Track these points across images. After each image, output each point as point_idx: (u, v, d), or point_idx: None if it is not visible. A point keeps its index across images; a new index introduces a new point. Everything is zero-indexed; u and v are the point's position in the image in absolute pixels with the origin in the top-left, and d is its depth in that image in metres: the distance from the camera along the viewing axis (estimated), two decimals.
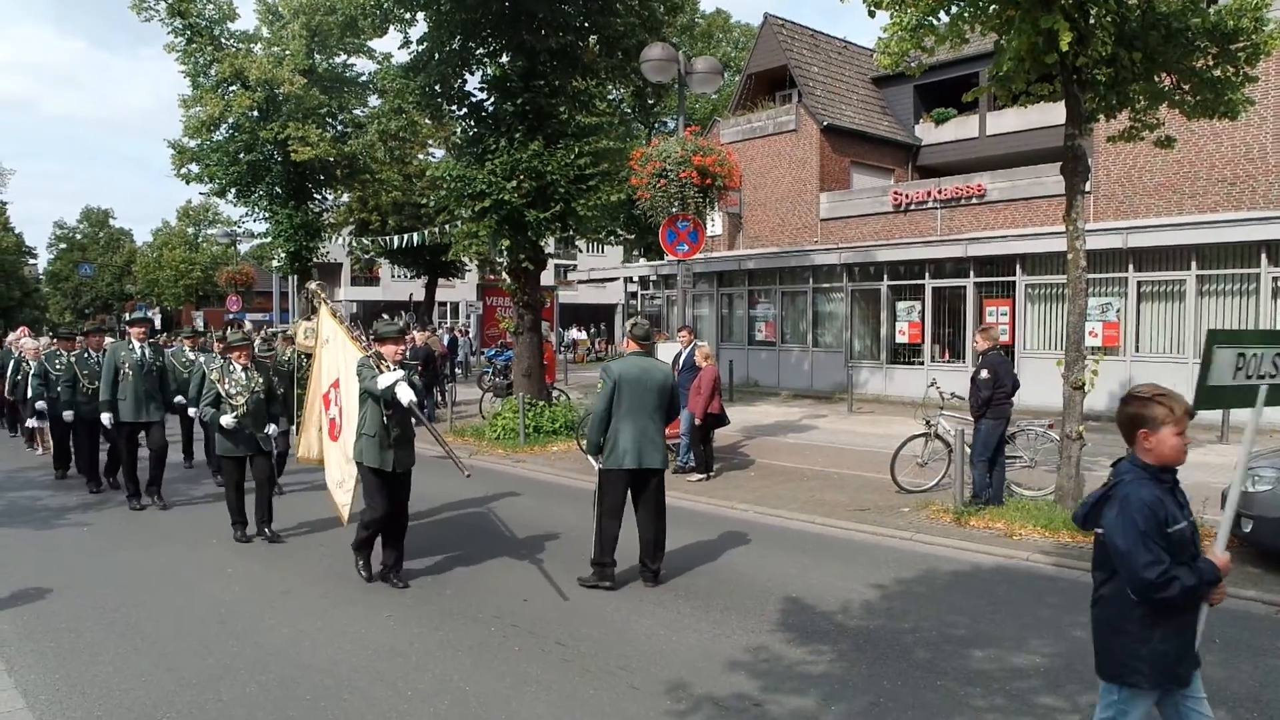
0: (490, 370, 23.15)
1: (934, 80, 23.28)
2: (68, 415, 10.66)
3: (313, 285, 9.29)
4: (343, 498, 7.54)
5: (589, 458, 8.42)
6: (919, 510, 9.06)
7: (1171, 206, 17.52)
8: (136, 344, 9.80)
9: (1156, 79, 8.64)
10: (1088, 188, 8.97)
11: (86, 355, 10.79)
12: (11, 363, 13.94)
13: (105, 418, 9.62)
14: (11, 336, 16.00)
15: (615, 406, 6.72)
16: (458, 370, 28.01)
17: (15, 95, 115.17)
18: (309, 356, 8.99)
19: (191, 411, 10.73)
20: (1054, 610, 6.15)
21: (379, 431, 6.58)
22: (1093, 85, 8.39)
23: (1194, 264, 16.00)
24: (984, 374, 8.93)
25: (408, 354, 14.03)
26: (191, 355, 12.14)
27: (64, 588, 6.70)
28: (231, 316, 33.85)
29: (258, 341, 12.57)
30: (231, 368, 8.20)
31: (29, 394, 12.01)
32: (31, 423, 13.28)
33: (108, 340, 11.64)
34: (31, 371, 12.00)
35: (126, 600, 6.44)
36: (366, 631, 5.76)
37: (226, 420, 7.96)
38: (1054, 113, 17.08)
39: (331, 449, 7.87)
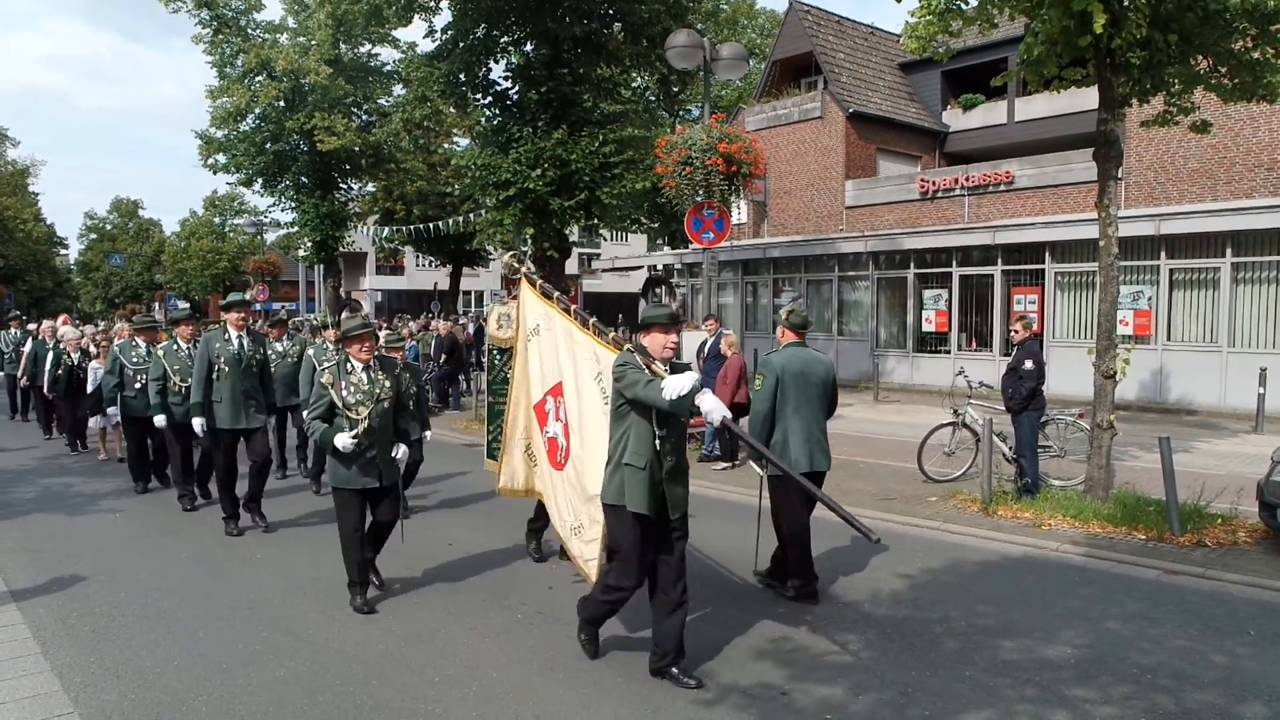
0: None
1: (962, 66, 23.00)
2: (160, 420, 8.93)
3: (507, 256, 6.96)
4: (585, 549, 5.45)
5: (752, 465, 8.19)
6: (946, 499, 8.99)
7: (1206, 192, 17.22)
8: (234, 333, 8.15)
9: (1192, 61, 8.47)
10: (1119, 174, 8.83)
11: (176, 348, 9.11)
12: (50, 354, 12.92)
13: (197, 424, 8.09)
14: (46, 324, 15.58)
15: (779, 405, 6.05)
16: (482, 358, 28.13)
17: (50, 88, 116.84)
18: (503, 352, 6.88)
19: (270, 420, 8.78)
20: (1085, 601, 6.08)
21: (649, 461, 4.66)
22: (1126, 69, 8.23)
23: (1229, 251, 15.74)
24: (1029, 364, 8.79)
25: (433, 344, 14.00)
26: (280, 346, 10.43)
27: (97, 573, 6.79)
28: (349, 294, 32.80)
29: (383, 332, 10.77)
30: (350, 367, 6.01)
31: (79, 390, 11.51)
32: (97, 423, 11.91)
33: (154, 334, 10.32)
34: (104, 368, 10.55)
35: (159, 585, 6.52)
36: (394, 618, 5.79)
37: (343, 441, 5.80)
38: (1085, 98, 16.83)
39: (556, 482, 5.89)
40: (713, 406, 4.51)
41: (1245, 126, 16.64)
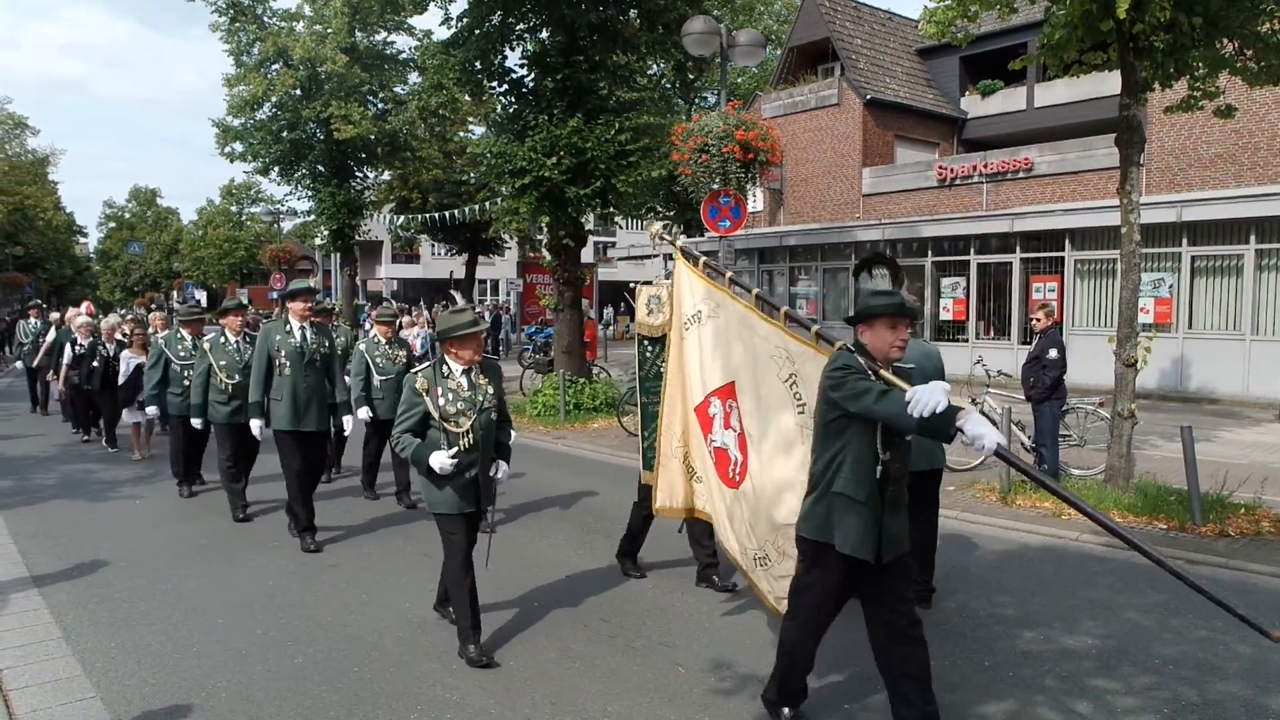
0: (531, 347, 23.26)
1: (980, 51, 22.76)
2: (197, 422, 8.51)
3: (656, 226, 5.71)
4: (777, 585, 4.45)
5: None
6: (964, 489, 8.94)
7: (1229, 179, 16.99)
8: (296, 324, 7.27)
9: (1218, 45, 8.33)
10: (1141, 160, 8.73)
11: (223, 340, 8.30)
12: (82, 345, 12.20)
13: (255, 425, 7.38)
14: (72, 312, 15.07)
15: None
16: (500, 348, 28.17)
17: (69, 77, 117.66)
18: (654, 342, 5.72)
19: (347, 422, 7.91)
20: (1105, 591, 6.03)
21: (871, 492, 3.75)
22: (1149, 53, 8.11)
23: (1253, 238, 15.55)
24: (1053, 353, 8.71)
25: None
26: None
27: (118, 559, 6.84)
28: (454, 277, 30.43)
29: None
30: (446, 369, 4.99)
31: (113, 382, 11.06)
32: (131, 419, 11.17)
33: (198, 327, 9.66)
34: (147, 362, 9.84)
35: (178, 572, 6.56)
36: (412, 606, 5.80)
37: (440, 461, 4.79)
38: (1105, 83, 16.63)
39: (730, 501, 4.86)
40: (983, 431, 3.34)
41: (1271, 111, 16.39)
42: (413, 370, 5.11)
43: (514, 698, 4.46)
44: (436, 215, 28.53)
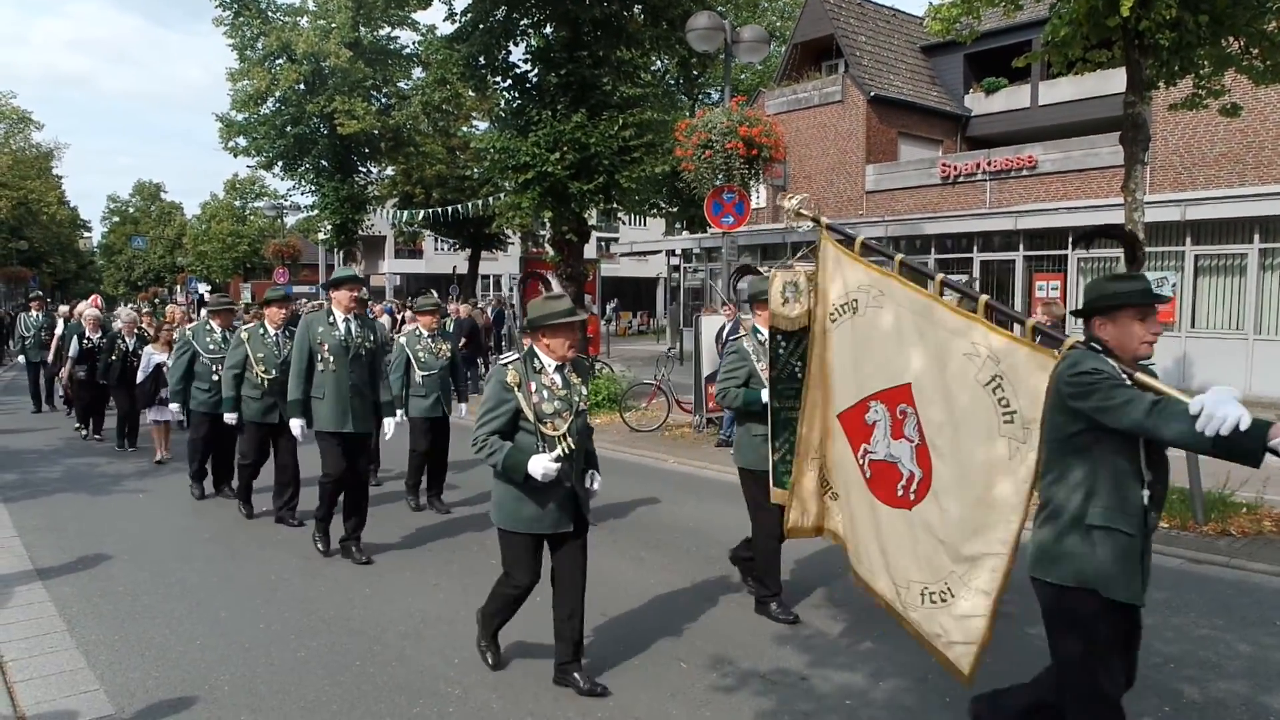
0: None
1: (985, 49, 22.69)
2: (230, 418, 7.90)
3: (794, 201, 4.54)
4: (954, 627, 3.63)
5: None
6: None
7: (1233, 178, 16.96)
8: (340, 316, 6.67)
9: (1223, 43, 8.32)
10: (1145, 158, 8.73)
11: (262, 332, 7.85)
12: (90, 339, 11.94)
13: (296, 426, 6.74)
14: (82, 306, 14.76)
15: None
16: (502, 342, 28.16)
17: (75, 72, 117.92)
18: (789, 337, 4.77)
19: (388, 424, 7.01)
20: None
21: (1137, 522, 3.15)
22: (1155, 50, 8.09)
23: (1257, 237, 15.52)
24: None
25: (450, 326, 13.86)
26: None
27: (121, 553, 6.86)
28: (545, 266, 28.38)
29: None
30: (538, 363, 4.42)
31: (132, 379, 10.54)
32: (153, 416, 10.56)
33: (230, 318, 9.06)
34: (170, 356, 9.34)
35: (181, 565, 6.58)
36: (414, 600, 5.82)
37: (542, 466, 4.22)
38: (1110, 81, 16.60)
39: (899, 524, 3.95)
40: None
41: (1276, 110, 16.35)
42: (501, 362, 4.50)
43: (516, 692, 4.47)
44: (440, 210, 28.54)
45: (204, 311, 10.42)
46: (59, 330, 14.12)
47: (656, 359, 16.46)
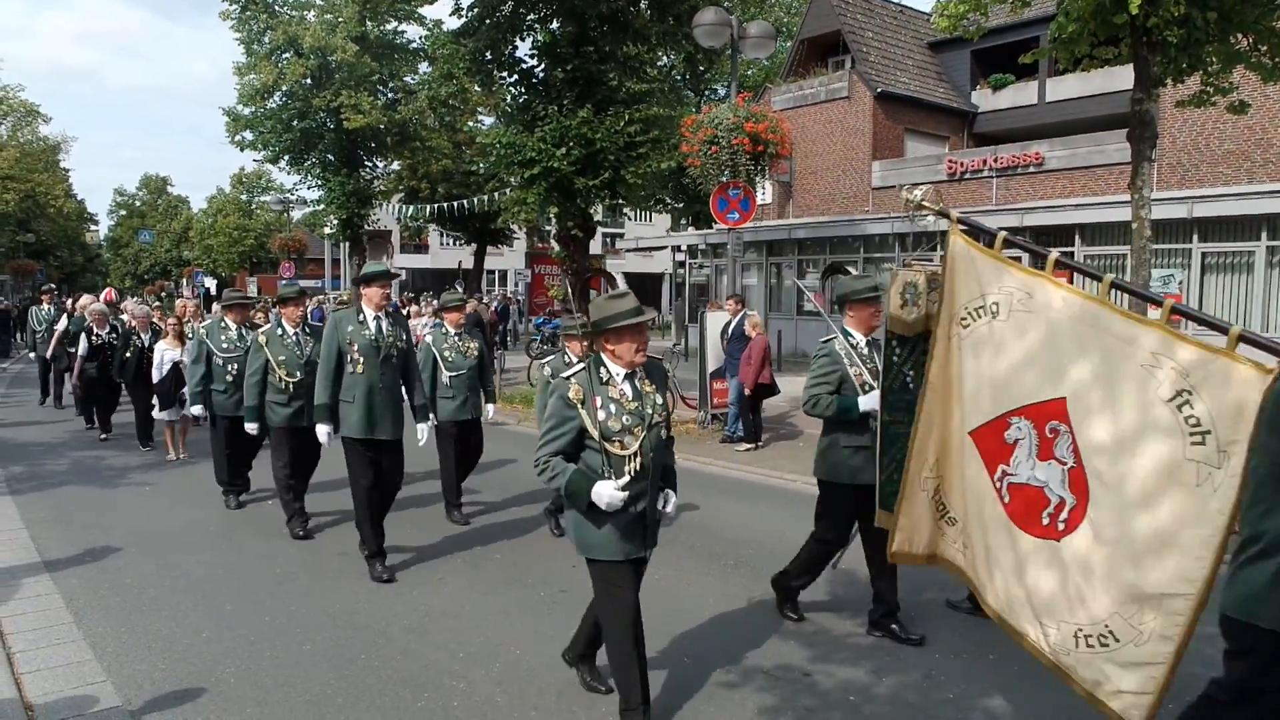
0: (538, 338, 23.30)
1: (992, 45, 22.64)
2: (253, 428, 7.42)
3: (917, 193, 4.07)
4: (1119, 676, 3.20)
5: None
6: None
7: (1241, 175, 16.91)
8: (370, 314, 6.23)
9: (1232, 39, 8.30)
10: (1153, 155, 8.72)
11: (280, 332, 7.42)
12: (99, 335, 11.69)
13: (323, 431, 6.26)
14: (85, 299, 14.52)
15: None
16: (508, 338, 28.21)
17: (82, 66, 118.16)
18: (904, 343, 4.49)
19: (422, 430, 6.65)
20: None
21: None
22: (1163, 47, 8.08)
23: (1264, 235, 15.47)
24: None
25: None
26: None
27: (129, 545, 6.89)
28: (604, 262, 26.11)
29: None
30: (605, 373, 3.93)
31: (147, 377, 10.14)
32: (167, 417, 10.28)
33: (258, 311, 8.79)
34: (188, 356, 8.89)
35: (188, 558, 6.61)
36: (419, 594, 5.84)
37: (608, 495, 3.79)
38: (1118, 78, 16.56)
39: (1043, 557, 3.43)
40: None
41: None
42: (562, 375, 4.02)
43: (520, 686, 4.49)
44: (445, 205, 28.56)
45: (216, 307, 10.15)
46: (60, 325, 13.71)
47: (662, 355, 16.49)
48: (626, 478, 3.82)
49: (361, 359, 6.13)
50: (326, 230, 29.90)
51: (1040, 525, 3.44)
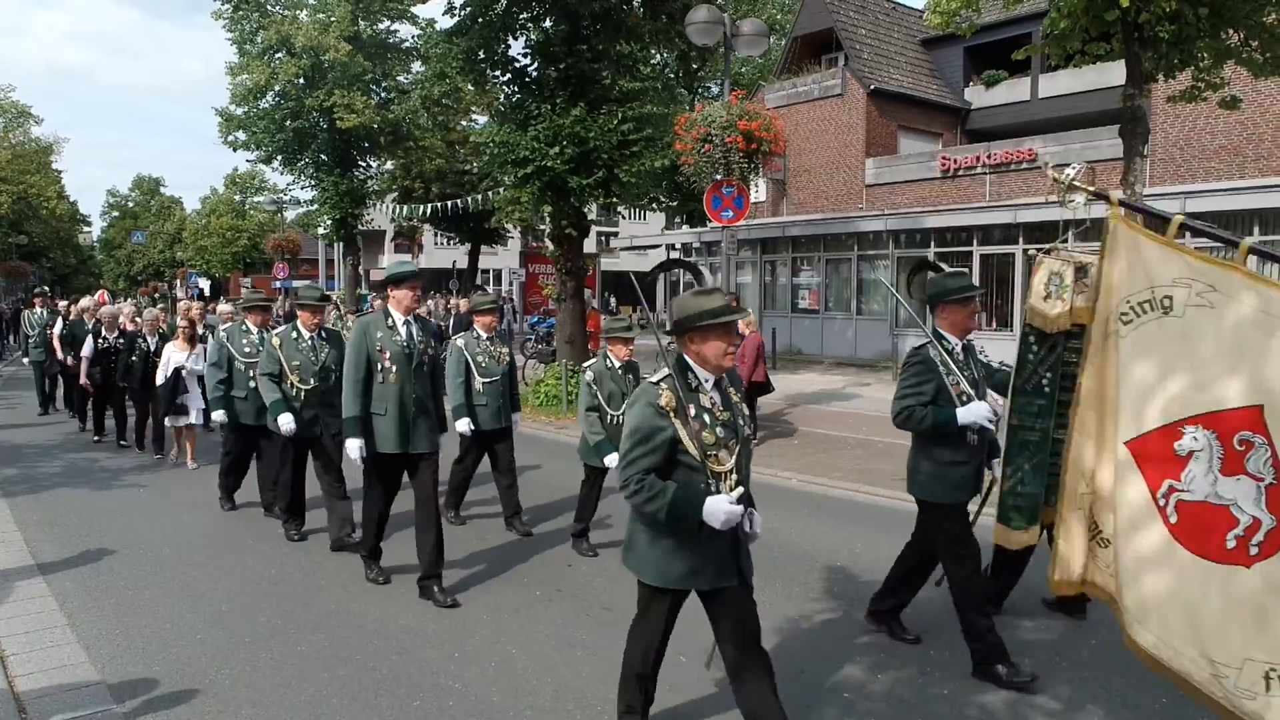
0: (533, 337, 23.28)
1: (984, 41, 22.73)
2: (286, 425, 6.75)
3: (1068, 172, 3.93)
4: None
5: None
6: None
7: (1233, 170, 16.97)
8: (400, 319, 5.77)
9: (1223, 35, 8.33)
10: (1145, 151, 8.74)
11: (295, 336, 6.95)
12: (107, 339, 11.29)
13: (354, 448, 5.68)
14: (85, 302, 14.17)
15: None
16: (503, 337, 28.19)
17: (75, 65, 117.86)
18: (1043, 339, 4.20)
19: (464, 424, 6.68)
20: None
21: None
22: (1154, 43, 8.11)
23: (1256, 230, 15.52)
24: None
25: (452, 322, 13.78)
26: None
27: (123, 547, 6.87)
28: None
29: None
30: (694, 379, 3.49)
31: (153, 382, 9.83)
32: (174, 423, 10.07)
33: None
34: (208, 359, 8.38)
35: (182, 559, 6.59)
36: (414, 594, 5.82)
37: (726, 510, 3.36)
38: (1110, 74, 16.58)
39: (1220, 582, 3.00)
40: None
41: (1275, 102, 16.36)
42: (650, 380, 3.51)
43: (516, 685, 4.49)
44: (439, 205, 28.53)
45: (222, 307, 9.77)
46: (57, 328, 13.33)
47: (655, 353, 16.47)
48: (738, 491, 3.40)
49: (394, 368, 5.65)
50: (320, 230, 29.85)
51: (1224, 549, 2.99)
